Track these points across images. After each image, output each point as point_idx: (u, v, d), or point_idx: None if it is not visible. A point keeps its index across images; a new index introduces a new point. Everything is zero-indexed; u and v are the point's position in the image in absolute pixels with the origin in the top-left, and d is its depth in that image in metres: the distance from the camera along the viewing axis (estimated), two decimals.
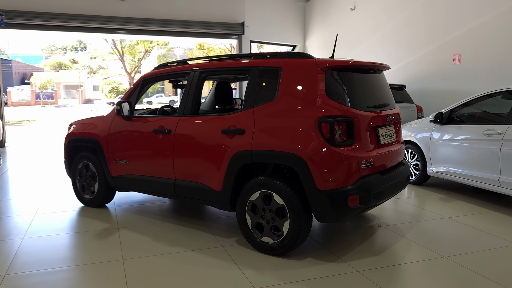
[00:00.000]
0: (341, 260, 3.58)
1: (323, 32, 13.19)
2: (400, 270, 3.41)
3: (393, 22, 10.01)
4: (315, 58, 3.67)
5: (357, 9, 11.39)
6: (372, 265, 3.48)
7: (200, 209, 5.11)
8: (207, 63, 4.29)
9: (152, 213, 4.97)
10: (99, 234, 4.24)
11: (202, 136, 4.02)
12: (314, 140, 3.37)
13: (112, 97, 42.98)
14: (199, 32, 12.35)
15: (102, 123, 4.96)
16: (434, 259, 3.60)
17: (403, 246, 3.92)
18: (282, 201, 3.54)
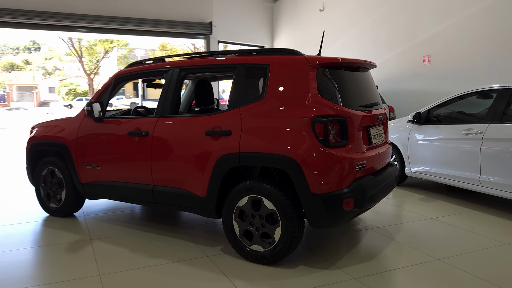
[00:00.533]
0: (335, 266, 3.41)
1: (292, 33, 13.11)
2: (397, 275, 3.28)
3: (361, 24, 10.05)
4: (305, 54, 3.49)
5: (325, 10, 11.38)
6: (367, 271, 3.33)
7: (177, 216, 4.81)
8: (188, 61, 4.02)
9: (125, 221, 4.62)
10: (70, 247, 3.87)
11: (183, 138, 3.75)
12: (307, 141, 3.18)
13: (70, 99, 41.34)
14: (166, 32, 11.93)
15: (69, 125, 4.57)
16: (428, 262, 3.50)
17: (395, 249, 3.80)
18: (273, 206, 3.32)
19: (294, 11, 12.92)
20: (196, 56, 4.14)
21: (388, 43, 9.29)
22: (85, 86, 39.64)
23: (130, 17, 11.32)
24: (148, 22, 11.52)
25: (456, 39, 7.64)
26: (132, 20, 11.31)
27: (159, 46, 34.57)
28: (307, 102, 3.27)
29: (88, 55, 34.69)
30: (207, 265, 3.44)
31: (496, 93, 5.03)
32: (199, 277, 3.23)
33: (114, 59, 39.52)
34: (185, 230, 4.32)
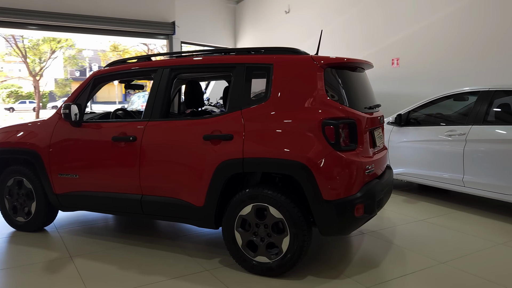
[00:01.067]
0: (344, 275, 3.27)
1: (256, 34, 12.98)
2: (409, 282, 3.18)
3: (329, 27, 10.08)
4: (308, 54, 3.33)
5: (291, 12, 11.35)
6: (378, 278, 3.22)
7: (158, 225, 4.49)
8: (180, 60, 3.72)
9: (104, 234, 4.24)
10: (49, 266, 3.46)
11: (178, 144, 3.46)
12: (318, 145, 3.01)
13: (11, 102, 38.83)
14: (126, 31, 11.37)
15: (40, 130, 4.12)
16: (434, 267, 3.44)
17: (398, 254, 3.72)
18: (280, 214, 3.12)
19: (258, 13, 12.80)
20: (188, 55, 3.86)
21: (356, 46, 9.38)
22: (29, 88, 37.36)
23: (86, 15, 10.68)
24: (107, 20, 10.92)
25: (424, 42, 7.81)
26: (89, 18, 10.68)
27: (110, 46, 33.28)
28: (315, 103, 3.11)
29: (33, 55, 32.71)
30: (210, 281, 3.18)
31: (477, 95, 5.13)
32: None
33: (61, 60, 37.58)
34: (174, 241, 4.02)
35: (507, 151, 4.61)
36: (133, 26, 11.25)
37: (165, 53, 3.98)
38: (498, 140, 4.72)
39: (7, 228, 4.38)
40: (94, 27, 10.87)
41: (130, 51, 35.10)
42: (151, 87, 3.72)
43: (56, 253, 3.73)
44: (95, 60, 41.13)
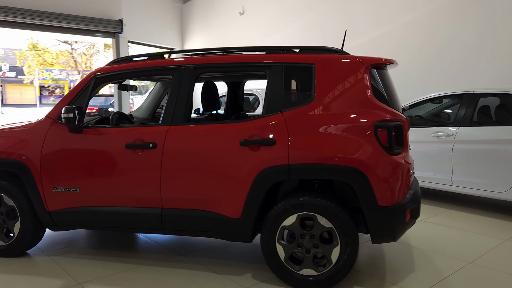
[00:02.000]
0: (389, 283, 3.17)
1: (206, 35, 12.63)
2: (456, 284, 3.16)
3: (287, 29, 10.08)
4: (348, 53, 3.19)
5: (246, 14, 11.19)
6: (424, 284, 3.16)
7: (157, 240, 4.07)
8: (206, 58, 3.38)
9: (104, 254, 3.74)
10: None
11: (209, 150, 3.13)
12: (372, 149, 2.88)
13: None
14: (68, 28, 10.42)
15: (27, 137, 3.53)
16: (466, 267, 3.48)
17: (424, 256, 3.71)
18: (329, 223, 2.94)
19: (208, 13, 12.47)
20: (207, 53, 3.52)
21: None
22: None
23: (23, 8, 9.62)
24: (47, 15, 9.93)
25: (389, 46, 8.08)
26: (26, 12, 9.63)
27: (29, 45, 30.67)
28: (364, 106, 2.98)
29: None
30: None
31: (462, 97, 5.36)
32: None
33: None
34: (189, 258, 3.65)
35: (494, 151, 4.86)
36: (77, 23, 10.38)
37: (181, 50, 3.60)
38: (485, 141, 4.96)
39: None
40: (32, 22, 9.83)
41: (50, 51, 32.71)
42: (170, 87, 3.33)
43: (60, 281, 3.19)
44: (9, 60, 37.59)
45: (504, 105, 5.17)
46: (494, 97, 5.22)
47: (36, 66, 34.24)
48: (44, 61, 33.14)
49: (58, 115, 3.51)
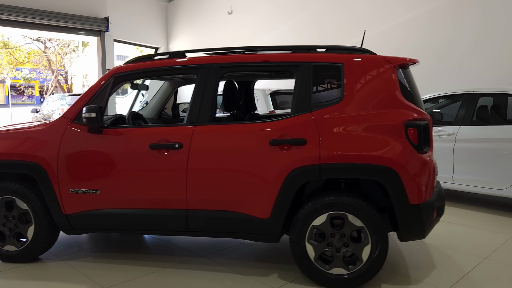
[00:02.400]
0: (416, 280, 3.22)
1: (193, 35, 12.51)
2: (478, 280, 3.24)
3: (279, 29, 10.11)
4: (375, 53, 3.22)
5: (234, 13, 11.16)
6: (449, 280, 3.23)
7: (168, 241, 4.00)
8: (231, 56, 3.33)
9: (121, 258, 3.64)
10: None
11: (237, 150, 3.09)
12: (403, 148, 2.92)
13: None
14: (52, 25, 10.14)
15: (43, 138, 3.40)
16: (483, 262, 3.57)
17: (441, 253, 3.79)
18: (360, 222, 2.96)
19: (194, 12, 12.36)
20: (232, 52, 3.48)
21: None
22: None
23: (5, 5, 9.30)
24: (32, 13, 9.63)
25: (387, 45, 8.20)
26: (9, 8, 9.31)
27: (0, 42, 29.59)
28: (394, 105, 3.01)
29: None
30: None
31: (463, 97, 5.50)
32: None
33: None
34: (210, 259, 3.60)
35: (495, 149, 5.01)
36: (61, 20, 10.12)
37: (205, 49, 3.55)
38: (485, 140, 5.10)
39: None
40: (15, 19, 9.50)
41: (22, 49, 31.67)
42: (195, 87, 3.28)
43: (83, 287, 3.08)
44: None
45: (498, 105, 5.36)
46: (493, 97, 5.37)
47: (6, 65, 33.09)
48: (15, 59, 32.07)
49: (75, 115, 3.40)
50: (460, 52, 7.16)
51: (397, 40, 7.99)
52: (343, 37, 8.80)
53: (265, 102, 7.90)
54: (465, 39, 7.15)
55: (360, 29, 8.52)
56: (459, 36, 7.21)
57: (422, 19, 7.66)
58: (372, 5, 8.40)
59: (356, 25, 8.60)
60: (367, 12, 8.48)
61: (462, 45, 7.16)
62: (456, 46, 7.24)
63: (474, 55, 7.04)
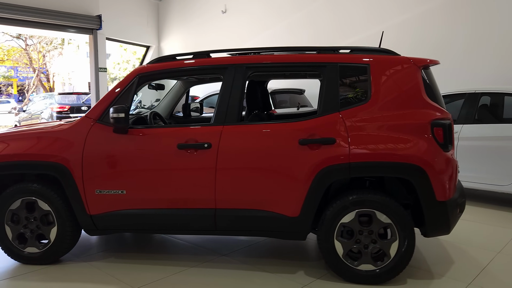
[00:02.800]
0: (439, 274, 3.32)
1: (185, 33, 12.45)
2: (496, 272, 3.35)
3: (278, 26, 10.14)
4: (399, 54, 3.30)
5: (228, 12, 11.15)
6: (469, 273, 3.34)
7: (186, 240, 4.02)
8: (258, 57, 3.36)
9: (147, 257, 3.63)
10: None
11: (267, 150, 3.13)
12: (430, 146, 3.01)
13: None
14: (44, 23, 9.94)
15: (66, 138, 3.37)
16: (497, 256, 3.70)
17: (457, 249, 3.90)
18: (388, 219, 3.04)
19: (186, 11, 12.30)
20: (256, 52, 3.51)
21: None
22: None
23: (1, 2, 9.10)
24: (24, 10, 9.42)
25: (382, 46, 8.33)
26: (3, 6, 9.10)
27: None
28: (419, 105, 3.10)
29: None
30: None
31: (465, 96, 5.65)
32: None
33: None
34: (234, 257, 3.63)
35: (497, 147, 5.18)
36: (55, 18, 9.94)
37: (228, 49, 3.56)
38: (488, 138, 5.27)
39: (6, 264, 3.49)
40: (7, 17, 9.30)
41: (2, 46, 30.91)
42: (221, 87, 3.30)
43: (113, 287, 3.08)
44: None
45: (497, 104, 5.55)
46: (494, 96, 5.54)
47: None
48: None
49: (99, 115, 3.38)
50: (454, 52, 7.34)
51: (392, 40, 8.12)
52: (337, 38, 8.91)
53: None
54: (459, 40, 7.34)
55: (354, 30, 8.65)
56: (452, 38, 7.39)
57: (416, 21, 7.82)
58: (367, 7, 8.53)
59: (350, 25, 8.72)
60: (362, 13, 8.60)
61: (456, 46, 7.35)
62: (450, 47, 7.42)
63: (467, 56, 7.23)
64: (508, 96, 5.55)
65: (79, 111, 12.91)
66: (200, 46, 11.99)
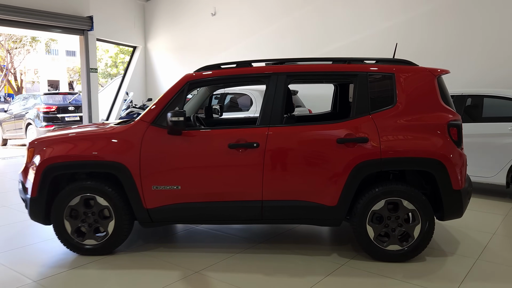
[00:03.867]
0: (449, 252, 3.89)
1: (173, 35, 12.69)
2: (497, 250, 3.96)
3: (266, 30, 10.60)
4: (417, 64, 3.84)
5: (218, 15, 11.50)
6: (474, 251, 3.92)
7: (224, 230, 4.43)
8: (297, 66, 3.81)
9: (191, 246, 4.02)
10: (192, 284, 3.23)
11: (309, 148, 3.59)
12: (447, 144, 3.56)
13: None
14: (34, 23, 9.96)
15: (123, 139, 3.70)
16: (494, 237, 4.33)
17: (458, 231, 4.51)
18: (412, 206, 3.58)
19: (174, 13, 12.54)
20: (292, 62, 3.95)
21: (294, 51, 10.12)
22: None
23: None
24: (12, 10, 9.43)
25: (363, 52, 8.96)
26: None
27: None
28: (436, 108, 3.64)
29: None
30: (355, 273, 3.44)
31: (453, 98, 6.30)
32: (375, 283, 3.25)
33: None
34: (271, 244, 4.08)
35: (483, 143, 5.86)
36: (47, 19, 9.99)
37: (268, 59, 3.99)
38: (475, 135, 5.94)
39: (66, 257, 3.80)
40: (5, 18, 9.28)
41: None
42: (265, 92, 3.73)
43: (176, 272, 3.46)
44: None
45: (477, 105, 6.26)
46: (477, 98, 6.24)
47: None
48: None
49: (153, 118, 3.73)
50: (434, 59, 8.04)
51: (376, 46, 8.77)
52: (323, 43, 9.49)
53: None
54: (439, 46, 8.04)
55: (341, 35, 9.23)
56: (434, 45, 8.09)
57: (399, 28, 8.49)
58: (352, 14, 9.14)
59: (336, 31, 9.31)
60: (346, 20, 9.21)
61: (437, 51, 8.05)
62: (431, 54, 8.12)
63: (448, 61, 7.95)
64: (487, 97, 6.27)
65: (66, 111, 12.90)
66: (188, 47, 12.28)
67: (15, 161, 9.91)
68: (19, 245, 4.11)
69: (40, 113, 12.49)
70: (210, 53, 11.62)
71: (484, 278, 3.38)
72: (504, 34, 7.42)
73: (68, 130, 4.17)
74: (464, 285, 3.23)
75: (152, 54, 13.39)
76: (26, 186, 3.84)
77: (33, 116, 12.66)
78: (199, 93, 5.09)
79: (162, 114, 3.72)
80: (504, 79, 7.41)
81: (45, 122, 12.45)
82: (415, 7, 8.32)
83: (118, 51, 30.95)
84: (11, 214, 5.19)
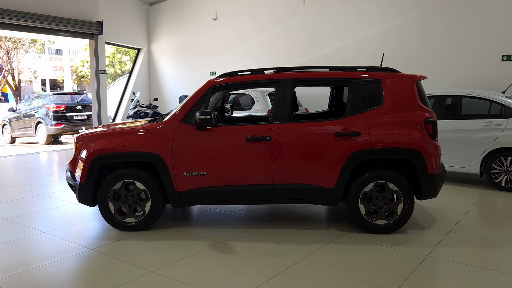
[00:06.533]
0: (428, 227, 4.72)
1: (176, 39, 13.41)
2: (467, 226, 4.80)
3: (258, 37, 11.40)
4: (399, 71, 4.65)
5: (219, 19, 12.25)
6: (450, 225, 4.75)
7: (234, 210, 5.22)
8: (302, 73, 4.62)
9: (210, 225, 4.81)
10: (221, 250, 4.02)
11: (312, 141, 4.39)
12: (424, 136, 4.38)
13: None
14: (49, 29, 10.65)
15: (158, 134, 4.47)
16: (465, 216, 5.16)
17: (433, 210, 5.33)
18: (396, 187, 4.39)
19: (177, 17, 13.26)
20: (296, 70, 4.74)
21: (288, 56, 10.94)
22: None
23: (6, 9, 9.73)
24: (29, 16, 10.12)
25: (351, 56, 9.81)
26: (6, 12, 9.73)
27: None
28: (415, 107, 4.46)
29: None
30: (350, 241, 4.25)
31: (434, 98, 7.15)
32: (366, 249, 4.06)
33: None
34: (278, 222, 4.87)
35: (459, 138, 6.72)
36: (57, 24, 10.68)
37: (277, 67, 4.78)
38: (453, 130, 6.79)
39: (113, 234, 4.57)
40: (11, 23, 9.95)
41: None
42: (276, 95, 4.53)
43: (204, 242, 4.24)
44: None
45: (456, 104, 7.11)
46: (457, 98, 7.09)
47: None
48: None
49: (183, 116, 4.50)
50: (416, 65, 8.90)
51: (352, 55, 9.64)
52: (311, 50, 10.36)
53: (264, 102, 9.21)
54: (423, 53, 8.89)
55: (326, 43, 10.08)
56: (420, 50, 8.94)
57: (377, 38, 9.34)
58: (336, 25, 10.03)
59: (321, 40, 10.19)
60: (330, 30, 10.09)
61: (422, 57, 8.90)
62: (417, 58, 8.97)
63: (430, 65, 8.80)
64: (465, 98, 7.12)
65: (74, 110, 13.60)
66: (189, 50, 13.03)
67: (25, 158, 10.58)
68: (67, 224, 4.85)
69: (50, 112, 13.17)
70: (211, 56, 12.37)
71: (454, 244, 4.20)
72: (482, 41, 8.29)
73: (109, 127, 4.92)
74: (437, 249, 4.05)
75: (155, 56, 14.11)
76: (75, 174, 4.60)
77: (42, 115, 13.33)
78: (215, 95, 5.86)
79: (190, 113, 4.50)
80: (483, 81, 8.29)
81: (54, 120, 13.15)
82: (402, 15, 9.16)
83: (115, 51, 31.50)
84: (50, 201, 5.93)
